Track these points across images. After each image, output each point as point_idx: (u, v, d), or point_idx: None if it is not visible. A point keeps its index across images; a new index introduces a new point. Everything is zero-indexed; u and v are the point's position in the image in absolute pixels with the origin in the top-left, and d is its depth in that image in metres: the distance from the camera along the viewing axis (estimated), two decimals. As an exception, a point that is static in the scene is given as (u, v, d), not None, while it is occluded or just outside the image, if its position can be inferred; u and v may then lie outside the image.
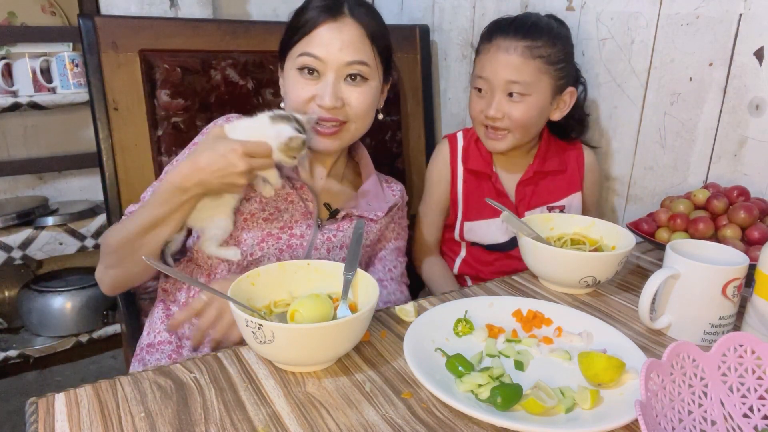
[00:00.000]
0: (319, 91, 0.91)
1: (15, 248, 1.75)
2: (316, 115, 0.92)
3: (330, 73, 0.91)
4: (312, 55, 0.91)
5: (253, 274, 0.72)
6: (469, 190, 1.20)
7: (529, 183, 1.18)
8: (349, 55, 0.91)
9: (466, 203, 1.20)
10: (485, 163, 1.19)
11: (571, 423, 0.57)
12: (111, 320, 2.01)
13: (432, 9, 1.63)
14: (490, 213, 1.18)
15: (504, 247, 1.19)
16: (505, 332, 0.73)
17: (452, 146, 1.22)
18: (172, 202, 0.83)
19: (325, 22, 0.91)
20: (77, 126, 2.01)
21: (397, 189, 1.10)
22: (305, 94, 0.92)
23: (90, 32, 1.15)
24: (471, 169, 1.19)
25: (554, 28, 1.09)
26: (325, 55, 0.90)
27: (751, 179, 1.02)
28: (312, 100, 0.92)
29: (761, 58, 0.97)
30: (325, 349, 0.64)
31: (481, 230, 1.19)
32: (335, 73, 0.91)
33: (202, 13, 1.78)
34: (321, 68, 0.91)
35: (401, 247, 1.10)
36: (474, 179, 1.20)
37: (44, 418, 0.57)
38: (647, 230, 1.00)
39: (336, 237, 0.98)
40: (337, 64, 0.91)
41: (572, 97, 1.12)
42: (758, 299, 0.70)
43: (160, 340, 0.96)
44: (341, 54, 0.90)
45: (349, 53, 0.91)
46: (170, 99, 1.20)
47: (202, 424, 0.57)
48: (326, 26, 0.91)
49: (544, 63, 1.05)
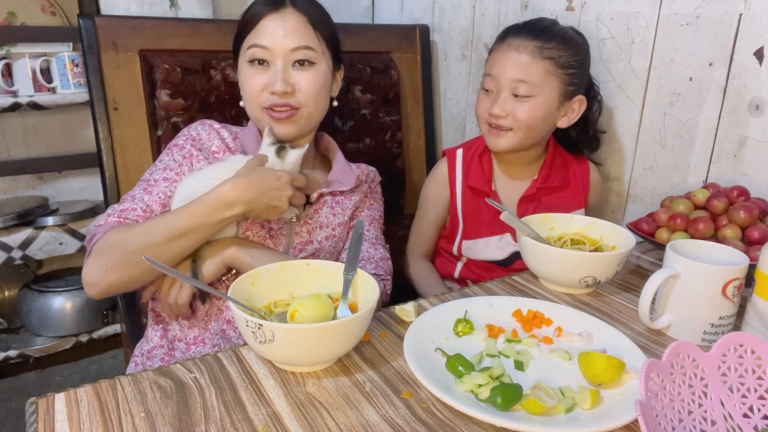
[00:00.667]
0: (270, 79, 0.95)
1: (15, 248, 1.75)
2: (269, 102, 0.95)
3: (278, 61, 0.95)
4: (259, 45, 0.95)
5: (253, 274, 0.72)
6: (468, 208, 1.19)
7: (532, 200, 1.16)
8: (293, 42, 0.95)
9: (466, 221, 1.19)
10: (485, 180, 1.17)
11: (571, 423, 0.57)
12: (111, 320, 2.01)
13: (432, 9, 1.63)
14: (488, 231, 1.17)
15: (503, 263, 1.18)
16: (505, 332, 0.73)
17: (451, 163, 1.21)
18: (215, 216, 0.84)
19: (269, 14, 0.95)
20: (77, 126, 2.01)
21: (368, 169, 1.13)
22: (257, 84, 0.95)
23: (90, 32, 1.15)
24: (471, 185, 1.18)
25: (569, 33, 1.08)
26: (271, 44, 0.94)
27: (751, 179, 1.02)
28: (264, 89, 0.95)
29: (761, 58, 0.97)
30: (325, 349, 0.64)
31: (479, 248, 1.18)
32: (282, 60, 0.95)
33: (202, 13, 1.79)
34: (269, 57, 0.95)
35: (375, 216, 1.12)
36: (473, 196, 1.18)
37: (44, 418, 0.57)
38: (647, 230, 1.00)
39: (312, 219, 1.01)
40: (283, 51, 0.95)
41: (581, 105, 1.10)
42: (758, 299, 0.70)
43: (153, 346, 0.97)
44: (286, 41, 0.95)
45: (294, 39, 0.95)
46: (170, 99, 1.20)
47: (202, 424, 0.57)
48: (270, 17, 0.95)
49: (553, 65, 1.04)
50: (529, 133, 1.09)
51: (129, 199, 0.95)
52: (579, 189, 1.18)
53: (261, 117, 0.98)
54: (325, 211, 1.03)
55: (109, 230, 0.88)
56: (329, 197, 1.04)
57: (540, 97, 1.05)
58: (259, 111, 0.97)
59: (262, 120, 0.98)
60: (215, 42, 1.28)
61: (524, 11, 1.37)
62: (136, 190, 0.96)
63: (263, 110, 0.96)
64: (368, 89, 1.44)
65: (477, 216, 1.18)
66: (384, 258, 1.06)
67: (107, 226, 0.90)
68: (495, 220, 1.15)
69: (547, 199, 1.17)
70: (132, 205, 0.93)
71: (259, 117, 0.98)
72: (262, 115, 0.97)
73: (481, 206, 1.17)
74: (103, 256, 0.86)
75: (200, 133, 1.01)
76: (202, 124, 1.02)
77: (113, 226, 0.90)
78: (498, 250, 1.17)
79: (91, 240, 0.90)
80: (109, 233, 0.87)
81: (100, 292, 0.88)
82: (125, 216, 0.92)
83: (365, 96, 1.44)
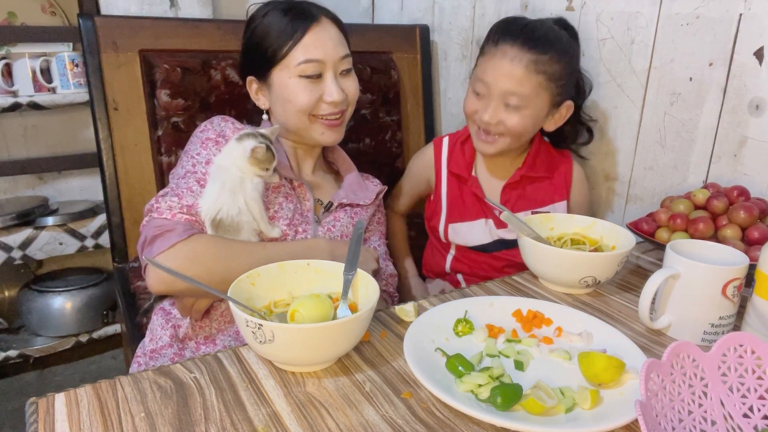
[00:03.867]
0: (327, 89, 0.98)
1: (15, 248, 1.75)
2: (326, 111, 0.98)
3: (329, 72, 0.98)
4: (313, 60, 0.96)
5: (253, 274, 0.72)
6: (453, 193, 1.23)
7: (516, 186, 1.18)
8: (341, 51, 0.99)
9: (450, 205, 1.23)
10: (465, 166, 1.21)
11: (571, 423, 0.57)
12: (111, 320, 2.01)
13: (432, 9, 1.63)
14: (472, 216, 1.20)
15: (488, 249, 1.20)
16: (505, 332, 0.73)
17: (437, 151, 1.25)
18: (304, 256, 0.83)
19: (311, 27, 0.96)
20: (77, 126, 2.01)
21: (376, 181, 1.18)
22: (313, 97, 0.97)
23: (90, 32, 1.15)
24: (453, 171, 1.22)
25: (563, 40, 1.07)
26: (324, 56, 0.97)
27: (751, 179, 1.02)
28: (319, 100, 0.98)
29: (761, 58, 0.97)
30: (325, 349, 0.64)
31: (463, 231, 1.21)
32: (333, 70, 0.98)
33: (202, 13, 1.79)
34: (322, 69, 0.97)
35: (383, 231, 1.17)
36: (456, 182, 1.22)
37: (44, 418, 0.57)
38: (647, 230, 1.00)
39: (335, 228, 1.03)
40: (333, 62, 0.98)
41: (569, 111, 1.13)
42: (758, 299, 0.70)
43: (162, 345, 0.96)
44: (335, 51, 0.98)
45: (340, 49, 0.99)
46: (170, 99, 1.20)
47: (202, 424, 0.57)
48: (314, 31, 0.96)
49: (546, 79, 1.04)
50: (518, 139, 1.11)
51: (186, 191, 0.90)
52: (561, 181, 1.20)
53: (311, 127, 1.00)
54: (345, 221, 1.05)
55: (195, 236, 0.84)
56: (348, 208, 1.06)
57: (530, 108, 1.06)
58: (309, 121, 0.99)
59: (311, 130, 1.00)
60: (215, 42, 1.28)
61: (524, 11, 1.37)
62: (190, 182, 0.91)
63: (315, 120, 0.99)
64: (368, 89, 1.45)
65: (460, 200, 1.22)
66: (393, 275, 1.11)
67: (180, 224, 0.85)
68: (476, 205, 1.20)
69: (531, 187, 1.19)
70: (194, 200, 0.89)
71: (308, 127, 1.00)
72: (312, 125, 1.00)
73: (464, 191, 1.21)
74: (191, 262, 0.83)
75: (224, 129, 0.98)
76: (225, 120, 1.00)
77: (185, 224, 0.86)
78: (483, 234, 1.20)
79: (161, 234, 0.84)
80: (199, 242, 0.83)
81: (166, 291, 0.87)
82: (193, 212, 0.88)
83: (365, 96, 1.44)
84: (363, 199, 1.08)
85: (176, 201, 0.88)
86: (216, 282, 0.82)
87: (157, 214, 0.87)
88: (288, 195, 1.00)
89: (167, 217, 0.87)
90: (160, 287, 0.85)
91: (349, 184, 1.10)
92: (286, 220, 0.97)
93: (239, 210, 0.90)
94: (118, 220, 1.20)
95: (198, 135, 0.99)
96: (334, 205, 1.04)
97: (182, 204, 0.88)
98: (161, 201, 0.89)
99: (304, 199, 1.02)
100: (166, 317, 0.99)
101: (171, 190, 0.91)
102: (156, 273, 0.83)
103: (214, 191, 0.90)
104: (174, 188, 0.91)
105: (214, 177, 0.91)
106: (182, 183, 0.91)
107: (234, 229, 0.90)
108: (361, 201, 1.07)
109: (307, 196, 1.02)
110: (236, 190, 0.90)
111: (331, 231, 1.02)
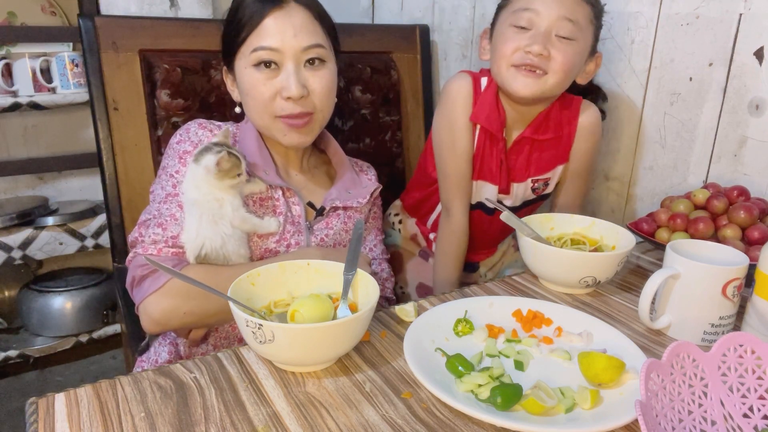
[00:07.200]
0: (283, 83, 0.87)
1: (15, 248, 1.75)
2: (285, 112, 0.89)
3: (289, 62, 0.87)
4: (266, 47, 0.87)
5: (253, 274, 0.72)
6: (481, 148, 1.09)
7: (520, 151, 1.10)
8: (304, 40, 0.88)
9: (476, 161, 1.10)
10: (500, 126, 1.06)
11: (571, 423, 0.57)
12: (111, 320, 2.01)
13: (432, 9, 1.63)
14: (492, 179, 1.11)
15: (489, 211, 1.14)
16: (505, 332, 0.73)
17: (476, 87, 1.07)
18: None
19: (271, 11, 0.87)
20: (77, 126, 2.01)
21: (371, 173, 1.10)
22: (268, 91, 0.88)
23: (90, 32, 1.15)
24: (486, 128, 1.07)
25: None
26: (280, 45, 0.87)
27: (751, 179, 1.02)
28: (277, 95, 0.88)
29: (761, 58, 0.97)
30: (325, 349, 0.64)
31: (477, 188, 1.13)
32: (294, 61, 0.88)
33: (202, 13, 1.79)
34: (278, 59, 0.88)
35: (380, 227, 1.11)
36: (484, 138, 1.09)
37: (44, 418, 0.57)
38: (647, 230, 1.00)
39: (328, 237, 0.97)
40: (294, 51, 0.87)
41: (598, 64, 1.05)
42: (758, 299, 0.70)
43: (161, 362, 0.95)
44: (296, 40, 0.87)
45: (304, 38, 0.88)
46: (170, 99, 1.20)
47: (202, 424, 0.57)
48: (273, 15, 0.87)
49: (592, 11, 0.99)
50: (563, 80, 0.99)
51: (170, 219, 0.87)
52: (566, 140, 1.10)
53: (272, 126, 0.91)
54: (338, 226, 0.99)
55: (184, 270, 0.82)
56: (341, 211, 0.99)
57: (581, 42, 0.98)
58: (271, 120, 0.90)
59: (274, 130, 0.91)
60: (215, 42, 1.26)
61: (524, 11, 1.37)
62: (172, 208, 0.88)
63: (276, 119, 0.90)
64: (368, 89, 1.44)
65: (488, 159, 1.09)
66: (389, 278, 1.06)
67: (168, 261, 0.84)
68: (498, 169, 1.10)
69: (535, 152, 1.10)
70: (179, 229, 0.86)
71: (269, 126, 0.91)
72: (274, 124, 0.91)
73: (492, 150, 1.09)
74: (184, 298, 0.81)
75: (201, 138, 0.93)
76: (201, 128, 0.94)
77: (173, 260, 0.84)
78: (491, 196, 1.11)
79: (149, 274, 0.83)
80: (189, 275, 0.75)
81: (162, 330, 0.86)
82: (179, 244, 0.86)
83: (365, 96, 1.44)
84: (357, 199, 1.00)
85: (160, 233, 0.86)
86: (213, 311, 0.83)
87: (142, 251, 0.86)
88: (275, 207, 0.94)
89: (153, 253, 0.85)
90: (155, 328, 0.85)
91: (341, 180, 1.02)
92: (276, 236, 0.92)
93: (222, 241, 0.86)
94: (118, 220, 1.20)
95: (174, 147, 0.92)
96: (326, 209, 0.97)
97: (167, 237, 0.86)
98: (145, 233, 0.86)
99: (294, 205, 0.96)
100: (165, 335, 0.98)
101: (153, 218, 0.87)
102: (149, 315, 0.83)
103: (192, 227, 0.86)
104: (156, 215, 0.87)
105: (189, 212, 0.86)
106: (164, 209, 0.88)
107: (222, 260, 0.87)
108: (355, 203, 0.99)
109: (297, 201, 0.96)
110: (216, 219, 0.85)
111: (324, 241, 0.96)
